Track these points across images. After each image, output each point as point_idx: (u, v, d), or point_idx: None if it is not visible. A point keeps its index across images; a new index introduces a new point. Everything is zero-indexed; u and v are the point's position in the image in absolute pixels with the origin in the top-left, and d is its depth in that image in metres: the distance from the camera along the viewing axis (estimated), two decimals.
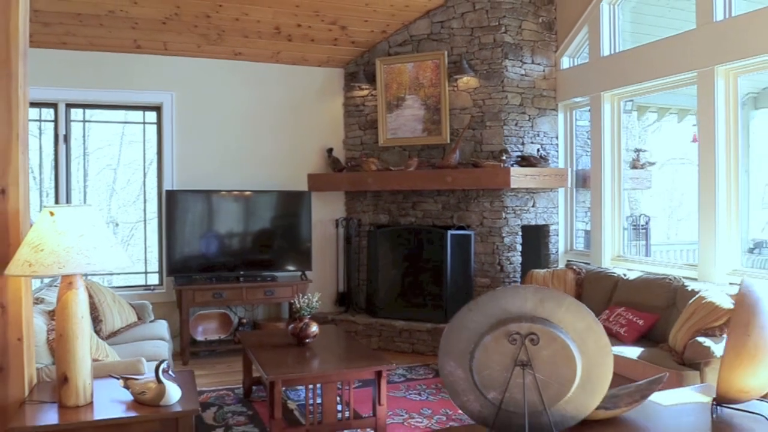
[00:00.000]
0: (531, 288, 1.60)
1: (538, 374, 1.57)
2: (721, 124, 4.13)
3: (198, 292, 5.10)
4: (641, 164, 5.96)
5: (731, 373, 1.82)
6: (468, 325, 1.61)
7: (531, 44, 5.48)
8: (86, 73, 5.26)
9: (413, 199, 5.72)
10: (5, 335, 2.45)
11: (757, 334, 1.79)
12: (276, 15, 5.27)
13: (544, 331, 1.56)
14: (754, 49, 3.87)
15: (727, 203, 4.13)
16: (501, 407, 1.61)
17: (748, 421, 1.87)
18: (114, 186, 10.00)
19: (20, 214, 2.45)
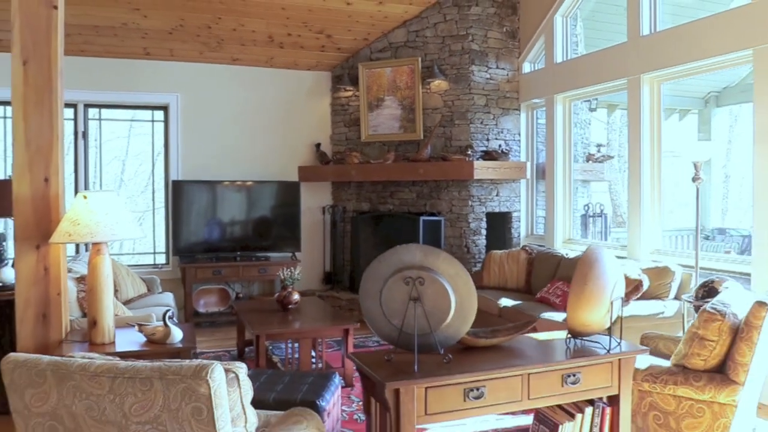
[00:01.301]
0: (419, 246, 2.30)
1: (425, 306, 2.27)
2: (646, 125, 4.80)
3: (200, 270, 5.85)
4: (597, 157, 6.64)
5: (575, 313, 2.52)
6: (377, 273, 2.32)
7: (496, 51, 6.15)
8: (102, 76, 5.98)
9: (391, 189, 6.42)
10: (47, 291, 3.19)
11: (592, 283, 2.49)
12: (269, 25, 5.96)
13: (428, 276, 2.26)
14: (674, 59, 4.53)
15: (650, 194, 4.81)
16: (402, 330, 2.31)
17: (590, 347, 2.57)
18: (122, 177, 10.77)
19: (59, 197, 3.18)
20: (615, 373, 2.53)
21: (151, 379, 1.61)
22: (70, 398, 1.66)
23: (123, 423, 1.64)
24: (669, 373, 2.81)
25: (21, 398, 1.70)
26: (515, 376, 2.34)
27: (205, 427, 1.61)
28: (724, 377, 2.69)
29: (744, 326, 2.65)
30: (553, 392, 2.42)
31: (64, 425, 1.69)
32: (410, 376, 2.19)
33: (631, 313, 3.99)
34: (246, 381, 1.84)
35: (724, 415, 2.68)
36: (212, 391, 1.59)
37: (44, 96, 3.13)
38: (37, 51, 3.11)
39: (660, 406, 2.83)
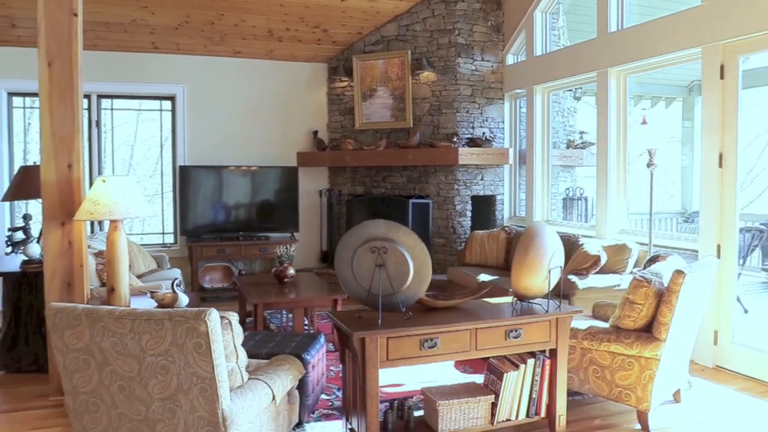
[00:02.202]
0: (383, 221, 2.75)
1: (388, 271, 2.73)
2: (613, 114, 5.20)
3: (205, 248, 6.34)
4: (578, 144, 7.04)
5: (518, 279, 2.98)
6: (348, 244, 2.77)
7: (481, 44, 6.55)
8: (114, 69, 6.43)
9: (383, 174, 6.87)
10: (72, 262, 3.68)
11: (533, 253, 2.94)
12: (268, 21, 6.38)
13: (390, 246, 2.71)
14: (637, 54, 4.92)
15: (616, 178, 5.23)
16: (369, 291, 2.77)
17: (532, 308, 3.02)
18: (131, 162, 11.27)
19: (80, 181, 3.66)
20: (553, 331, 2.99)
21: (162, 320, 2.08)
22: (99, 336, 2.14)
23: (141, 355, 2.12)
24: (604, 333, 3.26)
25: (61, 338, 2.18)
26: (464, 330, 2.80)
27: (204, 359, 2.09)
28: (650, 335, 3.14)
29: (666, 291, 3.10)
30: (497, 345, 2.88)
31: (95, 358, 2.17)
32: (374, 328, 2.66)
33: (590, 285, 4.44)
34: (237, 327, 2.32)
35: (649, 367, 3.13)
36: (210, 329, 2.07)
37: (66, 93, 3.59)
38: (60, 53, 3.57)
39: (598, 361, 3.29)
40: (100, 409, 2.23)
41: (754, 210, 10.51)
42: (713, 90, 4.24)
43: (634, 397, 3.18)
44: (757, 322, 5.50)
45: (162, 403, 2.16)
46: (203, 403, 2.13)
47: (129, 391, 2.17)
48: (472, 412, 2.90)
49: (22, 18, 5.73)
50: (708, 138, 4.28)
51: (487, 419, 2.95)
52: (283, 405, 2.66)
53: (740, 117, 4.13)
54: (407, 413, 2.94)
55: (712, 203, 4.25)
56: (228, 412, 2.15)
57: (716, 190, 4.22)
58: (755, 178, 12.23)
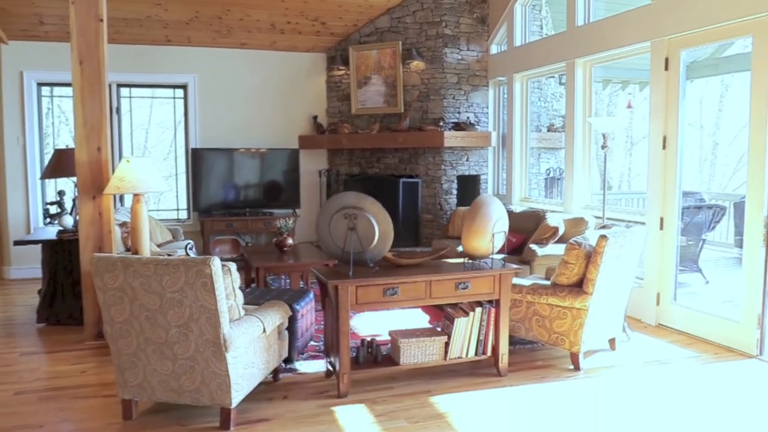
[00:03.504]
0: (353, 192, 3.39)
1: (358, 233, 3.37)
2: (579, 101, 5.77)
3: (215, 223, 7.03)
4: (558, 128, 7.59)
5: (466, 241, 3.61)
6: (326, 211, 3.42)
7: (467, 35, 7.10)
8: (131, 61, 7.09)
9: (377, 155, 7.49)
10: (101, 229, 4.36)
11: (479, 219, 3.56)
12: (271, 15, 6.98)
13: (360, 213, 3.35)
14: (600, 47, 5.47)
15: (581, 158, 5.81)
16: (343, 250, 3.42)
17: (480, 266, 3.66)
18: (146, 144, 12.00)
19: (108, 161, 4.33)
20: (497, 284, 3.63)
21: (178, 265, 2.75)
22: (131, 277, 2.81)
23: (162, 292, 2.80)
24: (544, 288, 3.90)
25: (101, 279, 2.86)
26: (421, 282, 3.45)
27: (209, 294, 2.76)
28: (580, 290, 3.77)
29: (593, 253, 3.72)
30: (448, 294, 3.53)
31: (127, 295, 2.85)
32: (346, 278, 3.31)
33: (548, 253, 5.06)
34: (236, 273, 2.99)
35: (580, 316, 3.76)
36: (213, 272, 2.73)
37: (95, 87, 4.26)
38: (89, 53, 4.23)
39: (540, 312, 3.92)
40: (131, 334, 2.91)
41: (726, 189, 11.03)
42: (659, 80, 4.80)
43: (567, 341, 3.82)
44: (713, 291, 6.10)
45: (178, 329, 2.84)
46: (209, 329, 2.81)
47: (153, 320, 2.85)
48: (428, 349, 3.57)
49: (49, 15, 6.39)
50: (654, 123, 4.85)
51: (441, 356, 3.61)
52: (274, 339, 3.34)
53: (680, 104, 4.70)
54: (376, 350, 3.61)
55: (656, 181, 4.84)
56: (228, 336, 2.82)
57: (660, 169, 4.81)
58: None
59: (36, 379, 3.73)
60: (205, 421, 3.07)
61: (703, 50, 8.80)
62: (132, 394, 3.04)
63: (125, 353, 2.96)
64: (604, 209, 5.06)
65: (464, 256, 3.73)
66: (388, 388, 3.52)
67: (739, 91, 12.68)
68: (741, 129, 12.52)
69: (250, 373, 3.05)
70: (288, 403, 3.30)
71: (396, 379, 3.67)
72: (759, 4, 3.95)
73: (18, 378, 3.74)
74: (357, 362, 3.56)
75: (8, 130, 6.86)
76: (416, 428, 3.01)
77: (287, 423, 3.06)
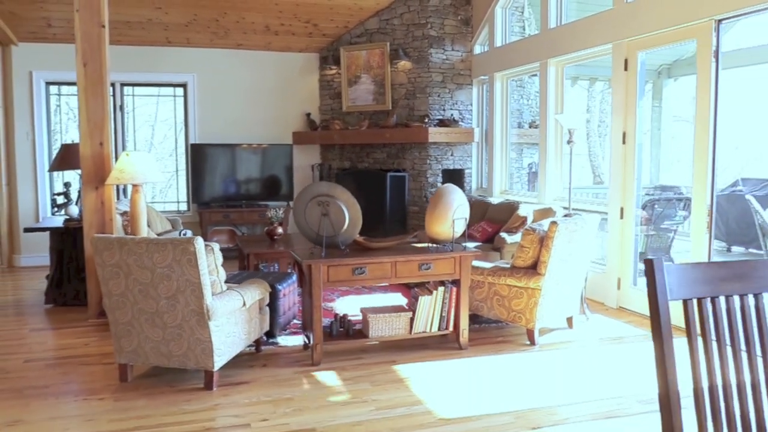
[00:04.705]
0: (325, 182, 3.78)
1: (331, 219, 3.77)
2: (551, 99, 6.13)
3: (213, 214, 7.45)
4: (537, 125, 7.94)
5: (429, 226, 3.99)
6: (302, 199, 3.81)
7: (451, 36, 7.47)
8: (134, 61, 7.51)
9: (367, 150, 7.88)
10: (104, 217, 4.79)
11: (441, 207, 3.95)
12: (265, 18, 7.38)
13: (331, 200, 3.75)
14: (570, 48, 5.83)
15: (554, 153, 6.17)
16: (317, 233, 3.82)
17: (443, 249, 4.04)
18: (152, 141, 12.44)
19: (109, 155, 4.75)
20: (457, 266, 4.01)
21: (166, 244, 3.16)
22: (126, 255, 3.22)
23: (153, 267, 3.21)
24: (503, 270, 4.28)
25: (100, 256, 3.28)
26: (387, 263, 3.84)
27: (194, 270, 3.17)
28: (534, 271, 4.15)
29: (545, 237, 4.10)
30: (412, 274, 3.92)
31: (123, 270, 3.27)
32: (319, 258, 3.71)
33: (517, 240, 5.42)
34: (218, 253, 3.39)
35: (534, 295, 4.14)
36: (197, 250, 3.14)
37: (98, 87, 4.67)
38: (92, 56, 4.64)
39: (499, 292, 4.31)
40: (126, 305, 3.33)
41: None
42: (619, 80, 5.16)
43: (524, 318, 4.20)
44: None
45: (167, 301, 3.25)
46: (194, 300, 3.22)
47: (145, 292, 3.27)
48: (394, 323, 3.96)
49: (56, 19, 6.82)
50: (615, 119, 5.21)
51: (406, 330, 4.00)
52: (255, 313, 3.74)
53: (638, 102, 5.05)
54: (347, 324, 4.01)
55: (617, 173, 5.20)
56: (210, 306, 3.23)
57: (620, 162, 5.17)
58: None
59: (44, 350, 4.16)
60: (192, 383, 3.48)
61: (685, 48, 9.13)
62: (127, 359, 3.46)
63: (121, 322, 3.37)
64: (570, 200, 5.42)
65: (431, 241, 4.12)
66: (358, 359, 3.92)
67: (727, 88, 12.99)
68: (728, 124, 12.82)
69: (231, 341, 3.46)
70: (266, 370, 3.71)
71: (367, 351, 4.07)
72: (701, 11, 4.30)
73: (28, 349, 4.17)
74: (330, 335, 3.96)
75: (19, 126, 7.31)
76: (377, 390, 3.40)
77: (264, 385, 3.46)
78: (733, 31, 8.49)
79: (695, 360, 1.42)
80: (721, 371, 1.46)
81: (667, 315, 1.40)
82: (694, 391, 1.41)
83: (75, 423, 3.01)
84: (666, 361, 1.37)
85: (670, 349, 1.39)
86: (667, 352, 1.38)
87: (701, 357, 1.43)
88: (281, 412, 3.10)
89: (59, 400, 3.29)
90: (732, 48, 8.65)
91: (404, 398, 3.29)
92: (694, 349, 1.42)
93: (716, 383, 1.45)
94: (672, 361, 1.38)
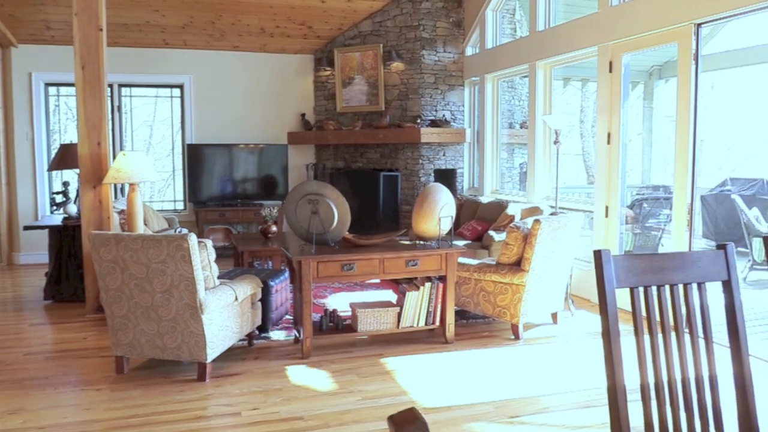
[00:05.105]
0: (315, 181, 3.91)
1: (320, 217, 3.89)
2: (540, 100, 6.26)
3: (209, 213, 7.58)
4: (527, 125, 8.07)
5: (416, 224, 4.12)
6: (292, 197, 3.94)
7: (443, 38, 7.60)
8: (131, 62, 7.63)
9: (360, 150, 8.01)
10: (101, 215, 4.91)
11: (426, 205, 4.08)
12: (261, 20, 7.50)
13: (321, 199, 3.88)
14: (558, 50, 5.96)
15: (543, 154, 6.30)
16: (308, 231, 3.95)
17: (429, 246, 4.17)
18: (150, 141, 12.56)
19: (107, 155, 4.88)
20: (443, 262, 4.14)
21: (161, 240, 3.29)
22: (122, 251, 3.35)
23: (148, 263, 3.34)
24: (489, 267, 4.41)
25: (97, 252, 3.40)
26: (375, 259, 3.97)
27: (187, 265, 3.30)
28: (518, 268, 4.29)
29: (529, 235, 4.23)
30: (400, 270, 4.05)
31: (119, 265, 3.40)
32: (309, 255, 3.84)
33: (504, 238, 5.55)
34: (212, 249, 3.52)
35: (518, 291, 4.28)
36: (190, 246, 3.27)
37: (96, 89, 4.80)
38: (90, 59, 4.76)
39: (485, 288, 4.44)
40: (122, 299, 3.46)
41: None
42: (604, 81, 5.29)
43: (509, 314, 4.34)
44: None
45: (162, 295, 3.38)
46: (187, 294, 3.35)
47: (141, 287, 3.39)
48: (382, 318, 4.09)
49: (55, 21, 6.94)
50: (600, 120, 5.35)
51: (394, 324, 4.13)
52: (247, 308, 3.87)
53: (623, 103, 5.19)
54: (337, 319, 4.14)
55: (602, 173, 5.33)
56: (203, 300, 3.36)
57: (605, 162, 5.30)
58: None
59: (43, 344, 4.28)
60: (186, 375, 3.61)
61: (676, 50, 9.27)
62: (124, 352, 3.59)
63: (118, 316, 3.50)
64: (557, 199, 5.55)
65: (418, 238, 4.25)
66: (347, 352, 4.05)
67: (722, 89, 13.13)
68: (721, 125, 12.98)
69: (224, 334, 3.59)
70: (258, 362, 3.84)
71: (356, 345, 4.20)
72: (681, 15, 4.44)
73: (27, 343, 4.30)
74: (320, 330, 4.09)
75: (18, 126, 7.43)
76: (363, 381, 3.54)
77: (255, 377, 3.59)
78: (726, 33, 8.65)
79: (641, 343, 1.56)
80: (665, 353, 1.59)
81: (613, 301, 1.53)
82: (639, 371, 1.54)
83: (73, 411, 3.14)
84: (611, 336, 1.51)
85: (616, 331, 1.53)
86: (613, 335, 1.52)
87: (646, 340, 1.56)
88: (271, 402, 3.23)
89: (58, 390, 3.41)
90: (724, 49, 8.82)
91: (390, 389, 3.42)
92: (639, 330, 1.56)
93: (660, 364, 1.59)
94: (617, 339, 1.51)
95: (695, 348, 1.64)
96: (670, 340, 1.59)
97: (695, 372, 1.63)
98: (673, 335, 1.61)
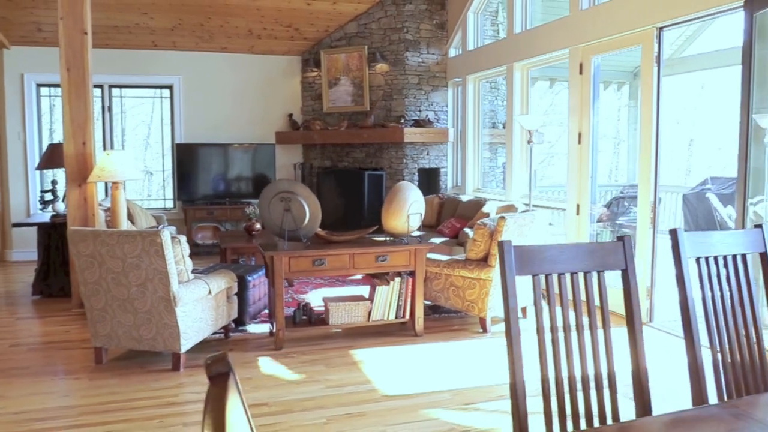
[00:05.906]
0: (287, 179, 4.08)
1: (293, 214, 4.06)
2: (517, 101, 6.42)
3: (197, 211, 7.75)
4: None
5: (385, 221, 4.29)
6: (266, 195, 4.11)
7: (427, 39, 7.76)
8: (121, 64, 7.80)
9: (346, 150, 8.18)
10: (86, 212, 5.08)
11: (395, 203, 4.24)
12: (248, 22, 7.67)
13: (293, 197, 4.05)
14: (533, 52, 6.11)
15: (520, 154, 6.47)
16: (281, 227, 4.12)
17: (399, 242, 4.33)
18: (148, 140, 12.73)
19: (92, 154, 5.04)
20: (412, 258, 4.31)
21: (135, 236, 3.46)
22: (99, 246, 3.52)
23: (123, 258, 3.50)
24: (458, 262, 4.58)
25: (76, 247, 3.57)
26: (345, 254, 4.14)
27: (161, 260, 3.46)
28: (485, 263, 4.45)
29: (494, 231, 4.39)
30: (370, 266, 4.22)
31: (96, 260, 3.57)
32: (281, 250, 4.01)
33: None
34: (185, 245, 3.69)
35: (485, 286, 4.44)
36: (163, 241, 3.43)
37: (81, 90, 4.97)
38: (75, 61, 4.93)
39: (455, 283, 4.60)
40: (100, 292, 3.63)
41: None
42: (575, 82, 5.45)
43: (477, 307, 4.50)
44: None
45: (137, 288, 3.55)
46: (161, 287, 3.52)
47: (117, 280, 3.56)
48: (353, 312, 4.26)
49: (46, 23, 7.11)
50: (572, 120, 5.51)
51: (365, 318, 4.30)
52: (222, 301, 4.04)
53: (593, 104, 5.35)
54: (310, 312, 4.31)
55: (573, 171, 5.50)
56: (177, 293, 3.53)
57: (576, 161, 5.46)
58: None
59: (28, 337, 4.46)
60: (162, 365, 3.78)
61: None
62: (102, 343, 3.76)
63: (96, 308, 3.67)
64: (530, 197, 5.72)
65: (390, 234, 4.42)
66: (319, 344, 4.22)
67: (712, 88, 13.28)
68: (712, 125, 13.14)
69: (198, 326, 3.76)
70: (232, 354, 4.01)
71: (329, 338, 4.37)
72: (644, 19, 4.60)
73: (14, 335, 4.47)
74: (294, 322, 4.26)
75: (10, 126, 7.60)
76: (331, 371, 3.70)
77: None
78: (716, 32, 8.79)
79: (540, 324, 1.73)
80: (564, 336, 1.76)
81: (513, 288, 1.70)
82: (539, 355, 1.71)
83: (51, 398, 3.31)
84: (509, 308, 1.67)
85: (515, 313, 1.70)
86: (512, 315, 1.69)
87: (546, 321, 1.73)
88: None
89: (39, 379, 3.58)
90: (714, 49, 8.96)
91: (354, 378, 3.59)
92: (539, 309, 1.73)
93: (559, 348, 1.76)
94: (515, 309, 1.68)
95: (593, 333, 1.82)
96: (571, 321, 1.77)
97: (593, 354, 1.80)
98: (573, 318, 1.78)
